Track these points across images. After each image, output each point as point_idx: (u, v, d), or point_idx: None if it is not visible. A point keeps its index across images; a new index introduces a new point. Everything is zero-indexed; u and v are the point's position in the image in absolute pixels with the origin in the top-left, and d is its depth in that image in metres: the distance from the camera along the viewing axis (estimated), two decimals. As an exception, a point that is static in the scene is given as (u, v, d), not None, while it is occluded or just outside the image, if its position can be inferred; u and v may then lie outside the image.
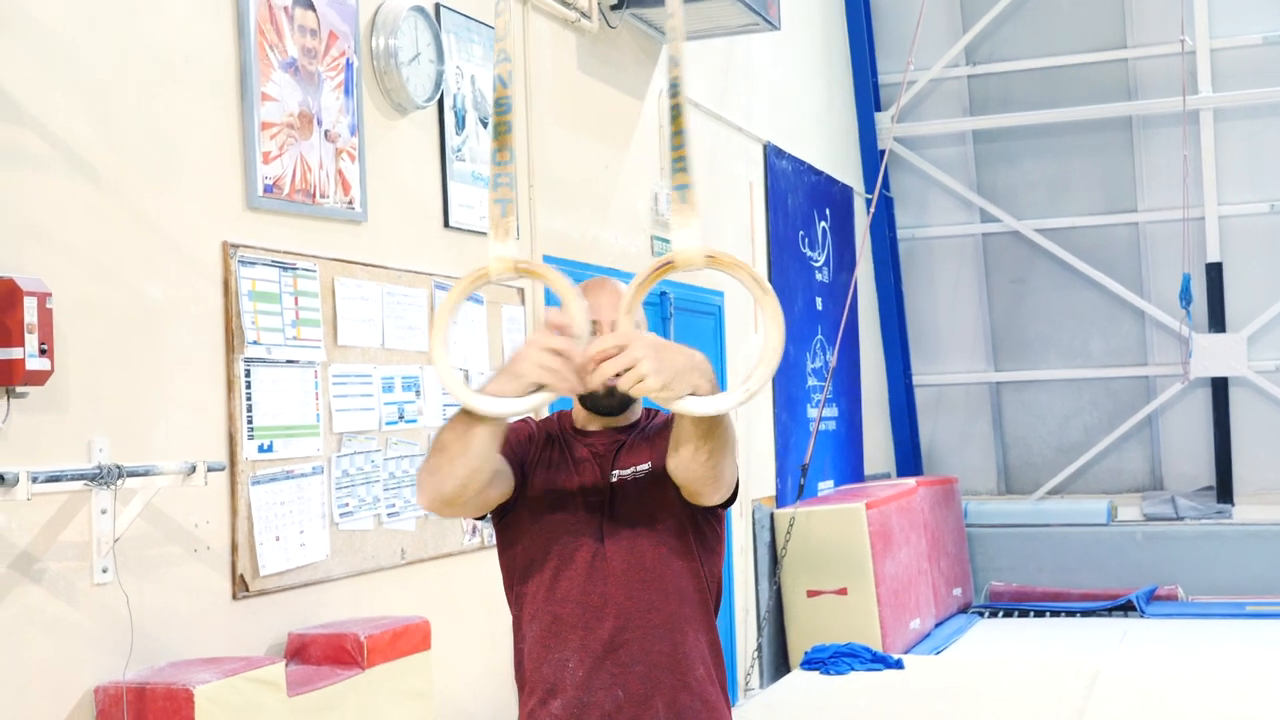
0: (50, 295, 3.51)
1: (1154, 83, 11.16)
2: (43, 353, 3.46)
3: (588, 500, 2.79)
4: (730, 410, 2.38)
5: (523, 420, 2.94)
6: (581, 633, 2.75)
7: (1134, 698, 6.87)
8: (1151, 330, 11.37)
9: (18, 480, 3.32)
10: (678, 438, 2.53)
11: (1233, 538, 10.65)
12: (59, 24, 3.74)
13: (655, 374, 2.31)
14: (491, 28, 5.79)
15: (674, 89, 2.41)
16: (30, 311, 3.43)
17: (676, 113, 2.40)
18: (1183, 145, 10.72)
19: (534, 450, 2.87)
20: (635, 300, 2.42)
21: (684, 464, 2.54)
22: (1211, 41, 10.90)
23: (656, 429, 2.86)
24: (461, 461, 2.54)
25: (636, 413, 2.92)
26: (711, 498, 2.66)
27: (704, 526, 2.83)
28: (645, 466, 2.78)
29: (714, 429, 2.45)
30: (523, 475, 2.83)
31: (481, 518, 2.87)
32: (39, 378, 3.48)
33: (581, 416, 2.90)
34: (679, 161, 2.39)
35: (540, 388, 2.44)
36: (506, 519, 2.86)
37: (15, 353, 3.41)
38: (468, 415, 2.51)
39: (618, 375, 2.34)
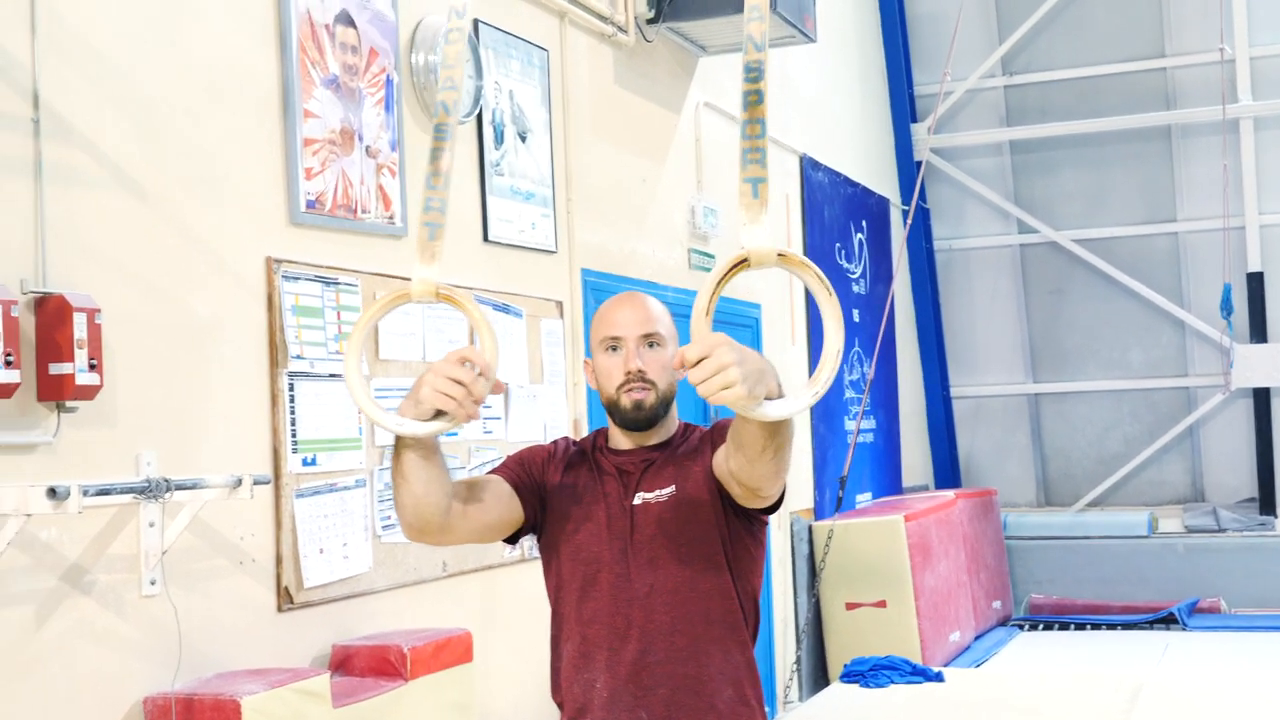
0: (99, 311, 3.56)
1: (1193, 91, 11.10)
2: (92, 368, 3.51)
3: (612, 522, 2.78)
4: (803, 409, 2.28)
5: (551, 442, 2.95)
6: (607, 654, 2.75)
7: (1177, 711, 6.82)
8: (1192, 341, 11.30)
9: (69, 494, 3.36)
10: (742, 440, 2.46)
11: (1276, 550, 10.55)
12: (108, 46, 3.79)
13: (743, 381, 2.18)
14: (530, 43, 5.83)
15: (751, 73, 2.21)
16: (80, 327, 3.49)
17: (756, 100, 2.21)
18: (1223, 154, 10.66)
19: (557, 470, 2.86)
20: (712, 301, 2.27)
21: (751, 465, 2.48)
22: (1251, 50, 10.84)
23: (690, 450, 2.82)
24: (405, 490, 2.58)
25: (670, 428, 2.87)
26: (772, 493, 2.62)
27: (744, 539, 2.79)
28: (669, 490, 2.76)
29: (781, 427, 2.39)
30: (541, 496, 2.83)
31: (514, 538, 2.87)
32: (88, 392, 3.53)
33: (615, 434, 2.88)
34: (752, 153, 2.20)
35: (439, 414, 2.46)
36: (542, 539, 2.87)
37: (66, 368, 3.46)
38: (397, 446, 2.56)
39: (703, 382, 2.21)
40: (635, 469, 2.81)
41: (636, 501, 2.77)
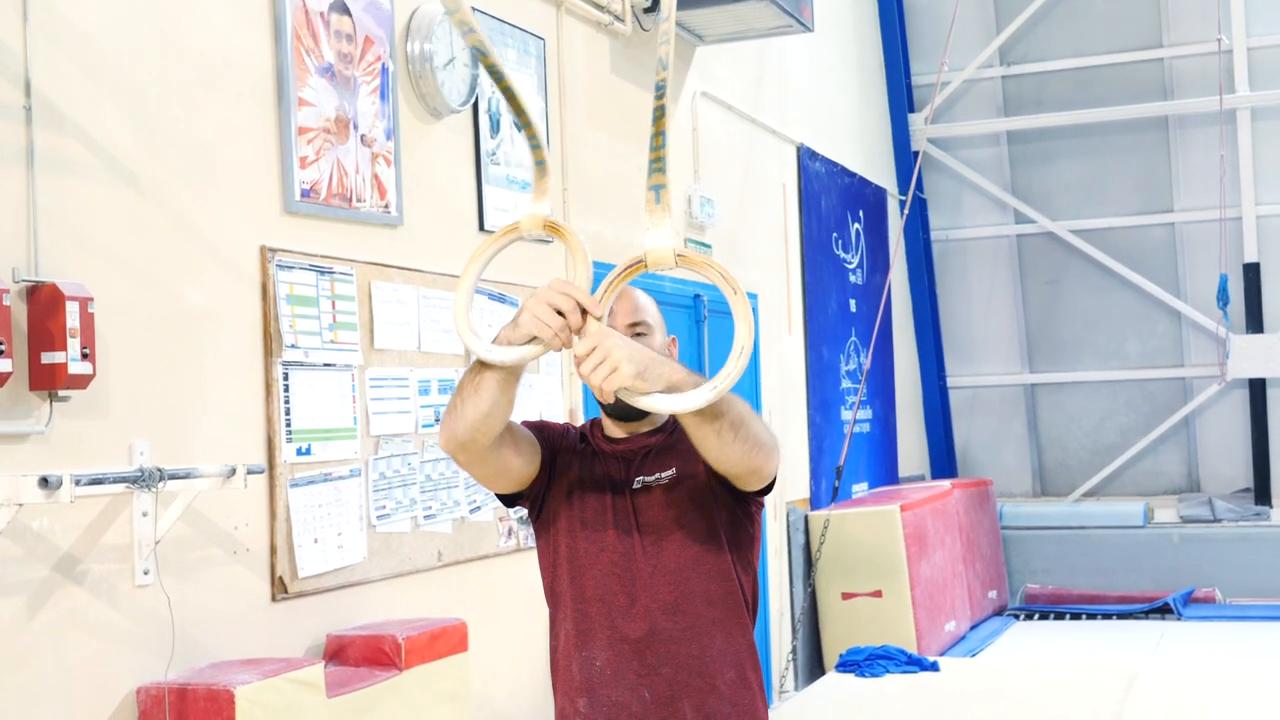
0: (92, 300, 3.55)
1: (1190, 82, 11.09)
2: (85, 357, 3.50)
3: (616, 504, 2.81)
4: (699, 407, 2.44)
5: (563, 423, 3.00)
6: (609, 633, 2.77)
7: (1172, 700, 6.83)
8: (1188, 331, 11.30)
9: (61, 483, 3.35)
10: (695, 438, 2.58)
11: (1271, 540, 10.57)
12: (100, 33, 3.78)
13: (628, 361, 2.38)
14: (526, 31, 5.81)
15: (660, 91, 2.44)
16: (72, 316, 3.47)
17: (659, 114, 2.45)
18: (1220, 145, 10.64)
19: (567, 450, 2.89)
20: (606, 299, 2.50)
21: (717, 453, 2.57)
22: (1248, 40, 10.83)
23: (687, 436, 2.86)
24: (472, 404, 2.59)
25: (661, 416, 2.91)
26: (770, 468, 2.68)
27: (740, 520, 2.83)
28: (670, 473, 2.80)
29: (720, 411, 2.50)
30: (551, 464, 2.86)
31: (512, 501, 2.89)
32: (81, 381, 3.52)
33: (608, 424, 2.93)
34: (657, 162, 2.46)
35: (533, 339, 2.51)
36: (542, 515, 2.89)
37: (58, 357, 3.45)
38: (479, 362, 2.58)
39: (594, 370, 2.40)
40: (635, 454, 2.85)
41: (637, 485, 2.81)
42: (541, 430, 2.91)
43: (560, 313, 2.46)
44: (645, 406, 2.44)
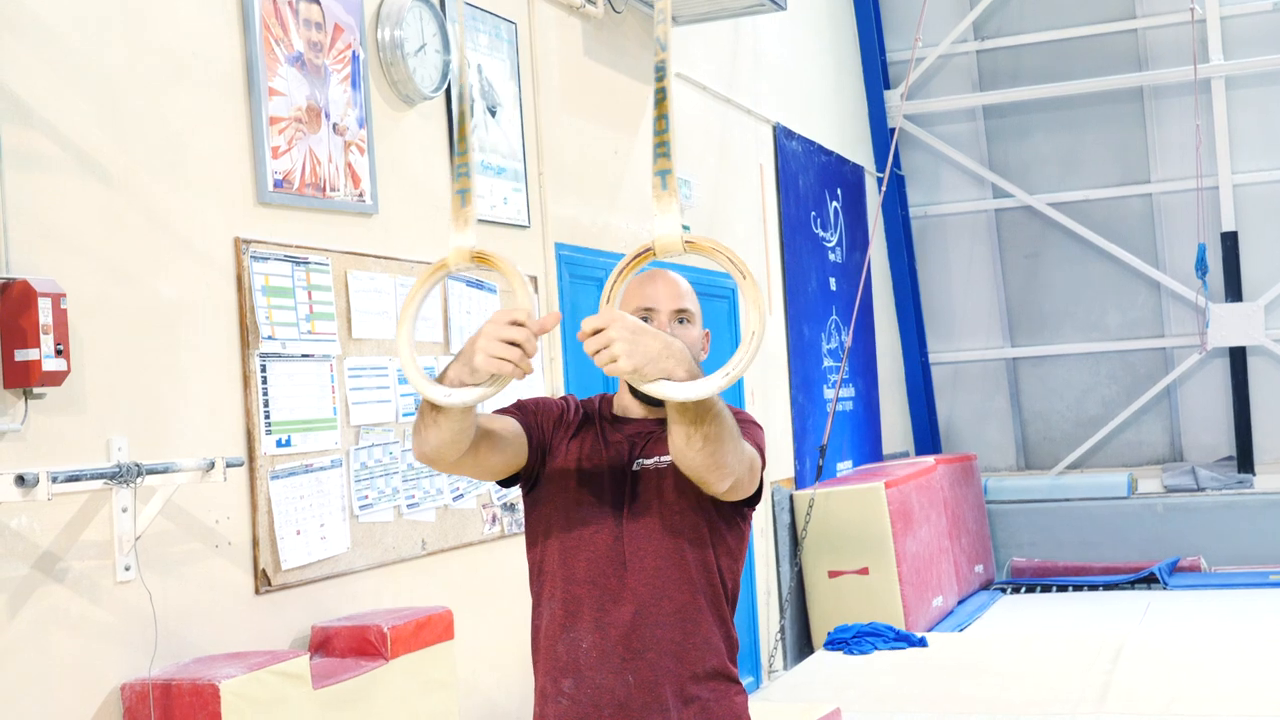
0: (65, 296, 3.52)
1: (1165, 52, 11.10)
2: (59, 353, 3.48)
3: (612, 485, 2.80)
4: (708, 395, 2.37)
5: (561, 397, 2.97)
6: (597, 613, 2.76)
7: (1159, 669, 6.86)
8: (1168, 301, 11.33)
9: (38, 481, 3.33)
10: (670, 434, 2.53)
11: (1254, 507, 10.61)
12: (66, 26, 3.74)
13: (627, 356, 2.33)
14: (498, 16, 5.78)
15: (660, 72, 2.40)
16: (45, 313, 3.45)
17: (661, 96, 2.40)
18: (1195, 114, 10.66)
19: (564, 428, 2.87)
20: (616, 286, 2.45)
21: (679, 451, 2.53)
22: (1221, 9, 10.84)
23: None
24: (433, 433, 2.55)
25: None
26: (719, 488, 2.62)
27: (723, 527, 2.81)
28: (669, 458, 2.76)
29: (702, 416, 2.45)
30: (544, 448, 2.84)
31: (508, 483, 2.87)
32: (56, 378, 3.49)
33: (623, 403, 2.91)
34: (661, 147, 2.41)
35: (492, 377, 2.44)
36: (534, 493, 2.87)
37: (31, 354, 3.43)
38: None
39: (596, 354, 2.35)
40: (640, 437, 2.84)
41: (636, 467, 2.80)
42: (532, 414, 2.87)
43: (515, 343, 2.40)
44: (651, 393, 2.39)
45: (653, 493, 2.78)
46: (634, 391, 2.86)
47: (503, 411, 2.87)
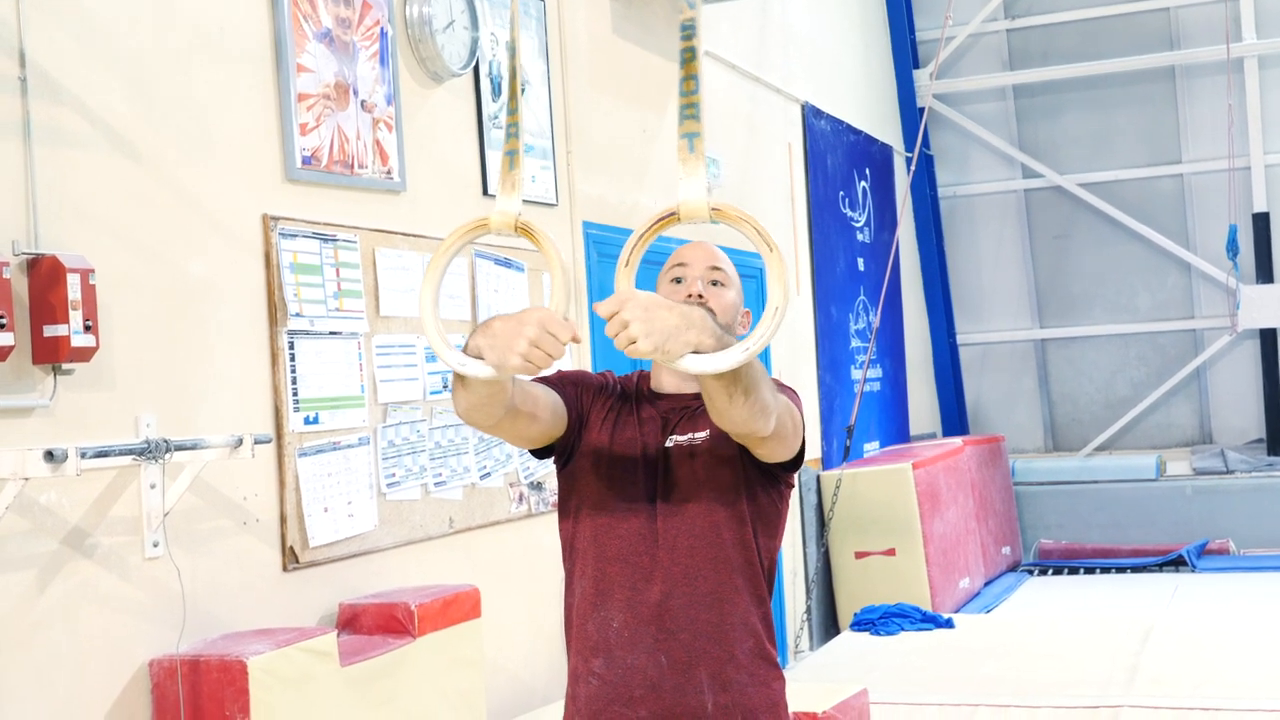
0: (93, 271, 3.52)
1: (1197, 31, 11.00)
2: (87, 329, 3.48)
3: (646, 462, 2.76)
4: (733, 366, 2.27)
5: (600, 373, 2.93)
6: (629, 592, 2.72)
7: (1187, 652, 6.82)
8: (1198, 283, 11.25)
9: (66, 456, 3.33)
10: (707, 397, 2.45)
11: (1284, 490, 10.55)
12: (95, 2, 3.73)
13: (645, 335, 2.22)
14: (525, -7, 5.76)
15: (687, 31, 2.30)
16: (74, 288, 3.45)
17: (690, 56, 2.30)
18: (1227, 94, 10.57)
19: (603, 402, 2.84)
20: (635, 255, 2.34)
21: (721, 413, 2.46)
22: (1255, -12, 10.75)
23: None
24: (464, 395, 2.50)
25: None
26: (765, 429, 2.54)
27: (762, 502, 2.77)
28: (704, 435, 2.73)
29: (737, 375, 2.36)
30: (581, 422, 2.80)
31: (543, 454, 2.82)
32: (84, 354, 3.49)
33: (659, 376, 2.87)
34: (689, 108, 2.30)
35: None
36: (568, 468, 2.83)
37: (60, 330, 3.43)
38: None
39: (616, 336, 2.26)
40: (672, 415, 2.80)
41: (669, 444, 2.76)
42: (574, 386, 2.83)
43: (550, 355, 2.32)
44: (677, 368, 2.28)
45: (688, 470, 2.73)
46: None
47: (544, 381, 2.81)
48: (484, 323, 2.41)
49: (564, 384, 2.83)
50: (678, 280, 2.82)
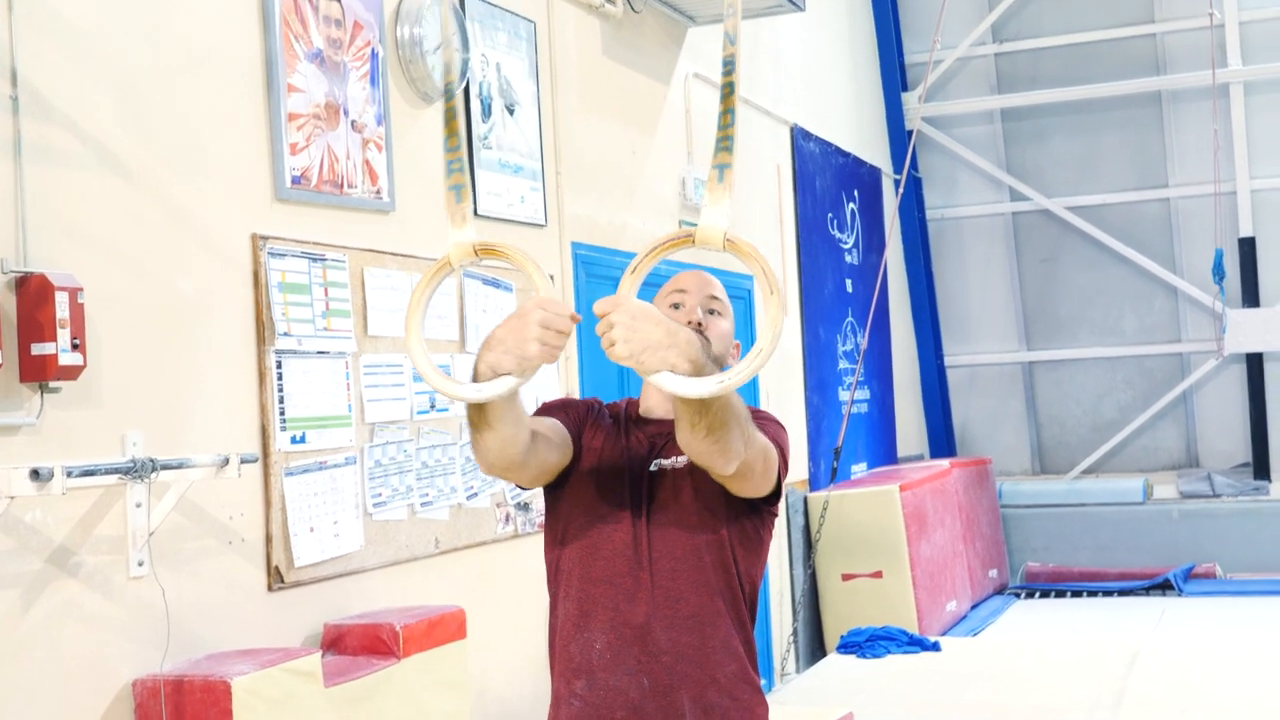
0: (82, 290, 3.51)
1: (1183, 57, 11.06)
2: (75, 348, 3.47)
3: (632, 485, 2.77)
4: (704, 395, 2.30)
5: (585, 398, 2.94)
6: (612, 614, 2.72)
7: (1174, 676, 6.83)
8: (1185, 306, 11.28)
9: (52, 475, 3.32)
10: (675, 419, 2.47)
11: (1270, 514, 10.56)
12: (87, 22, 3.74)
13: (624, 343, 2.27)
14: (517, 15, 5.78)
15: (728, 67, 2.35)
16: (62, 307, 3.44)
17: (728, 91, 2.35)
18: (1213, 119, 10.62)
19: (592, 425, 2.85)
20: (645, 266, 2.38)
21: (685, 441, 2.48)
22: (1240, 14, 10.80)
23: None
24: (490, 435, 2.51)
25: None
26: (724, 470, 2.56)
27: (744, 529, 2.78)
28: (687, 459, 2.73)
29: (705, 409, 2.38)
30: (579, 447, 2.81)
31: (551, 486, 2.84)
32: (72, 373, 3.49)
33: (648, 400, 2.88)
34: (725, 141, 2.34)
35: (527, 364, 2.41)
36: (556, 492, 2.84)
37: (48, 348, 3.42)
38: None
39: (602, 336, 2.31)
40: (660, 437, 2.80)
41: (654, 467, 2.77)
42: (571, 413, 2.84)
43: (561, 332, 2.39)
44: (652, 383, 2.33)
45: (671, 493, 2.74)
46: None
47: (542, 413, 2.83)
48: (483, 343, 2.43)
49: (563, 411, 2.85)
50: (676, 305, 2.84)
